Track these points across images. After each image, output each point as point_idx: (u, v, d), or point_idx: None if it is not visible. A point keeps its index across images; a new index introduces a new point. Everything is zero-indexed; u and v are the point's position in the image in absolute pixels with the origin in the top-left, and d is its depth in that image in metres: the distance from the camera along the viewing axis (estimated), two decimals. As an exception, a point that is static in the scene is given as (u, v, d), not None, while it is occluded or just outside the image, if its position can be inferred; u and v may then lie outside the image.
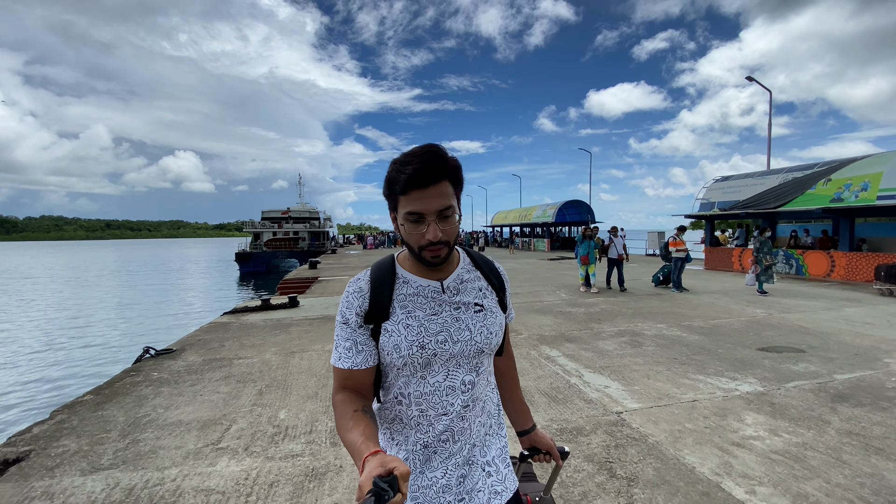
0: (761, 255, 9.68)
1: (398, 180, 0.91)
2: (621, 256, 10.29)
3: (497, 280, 1.10)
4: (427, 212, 0.91)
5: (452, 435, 0.99)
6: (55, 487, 2.56)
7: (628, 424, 3.24)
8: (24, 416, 7.56)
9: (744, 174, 16.00)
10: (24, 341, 13.27)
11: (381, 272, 1.01)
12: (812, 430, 3.12)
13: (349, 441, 0.83)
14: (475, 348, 1.00)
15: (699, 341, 5.57)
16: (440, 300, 0.99)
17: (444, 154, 0.92)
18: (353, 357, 0.96)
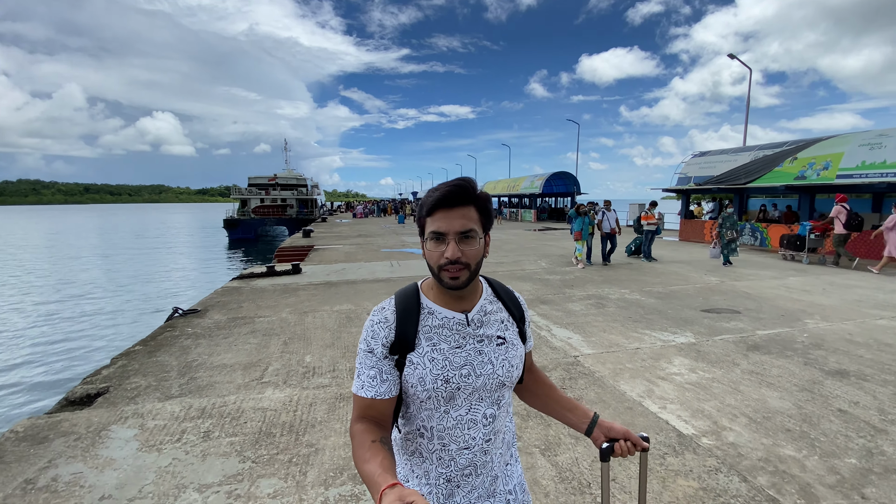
0: (723, 230, 10.59)
1: (426, 203, 0.96)
2: (614, 230, 10.48)
3: (518, 311, 1.10)
4: (448, 230, 0.93)
5: (475, 469, 1.01)
6: (141, 410, 3.36)
7: (582, 364, 4.15)
8: (72, 364, 8.30)
9: (719, 150, 16.83)
10: (45, 311, 13.83)
11: (406, 302, 1.00)
12: (722, 370, 4.06)
13: (366, 472, 0.82)
14: (497, 382, 1.00)
15: (654, 304, 6.51)
16: (464, 333, 1.00)
17: (474, 185, 0.96)
18: (378, 386, 0.96)
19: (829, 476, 2.52)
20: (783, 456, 2.71)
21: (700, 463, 2.64)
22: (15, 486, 2.46)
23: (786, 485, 2.44)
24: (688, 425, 3.07)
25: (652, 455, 2.73)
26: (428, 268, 0.98)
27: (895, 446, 2.81)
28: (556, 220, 30.74)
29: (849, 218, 10.17)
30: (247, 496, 2.36)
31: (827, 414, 3.23)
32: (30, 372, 8.22)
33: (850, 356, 4.39)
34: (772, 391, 3.62)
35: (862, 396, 3.51)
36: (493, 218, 1.01)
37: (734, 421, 3.13)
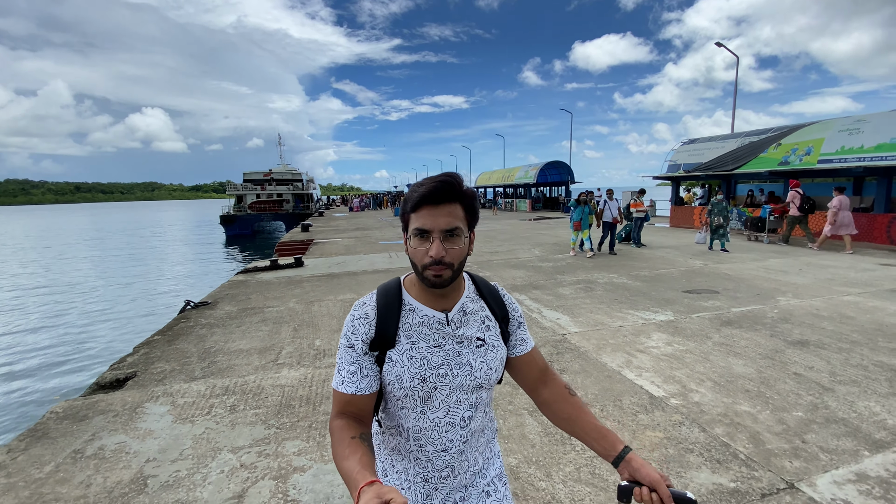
0: (712, 216, 10.98)
1: (410, 198, 0.94)
2: (616, 220, 10.33)
3: (500, 310, 1.08)
4: (433, 228, 0.91)
5: (453, 470, 1.01)
6: (170, 390, 3.72)
7: (568, 341, 4.53)
8: (89, 360, 8.64)
9: (707, 137, 17.20)
10: (60, 308, 14.10)
11: (387, 298, 1.00)
12: (695, 343, 4.46)
13: (345, 469, 0.82)
14: (475, 383, 1.00)
15: (640, 287, 6.90)
16: (444, 332, 0.99)
17: (460, 180, 0.94)
18: (358, 382, 0.96)
19: (776, 426, 2.92)
20: (739, 411, 3.11)
21: (667, 418, 3.04)
22: (65, 456, 2.82)
23: (738, 433, 2.84)
24: (659, 389, 3.47)
25: (624, 412, 3.13)
26: (411, 264, 0.98)
27: (838, 402, 3.22)
28: (551, 209, 31.10)
29: (802, 201, 11.44)
30: (275, 454, 2.73)
31: (783, 377, 3.64)
32: (50, 365, 8.60)
33: (813, 328, 4.80)
34: (738, 359, 4.02)
35: (817, 362, 3.92)
36: (478, 215, 1.01)
37: (701, 385, 3.53)
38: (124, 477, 2.56)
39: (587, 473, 2.48)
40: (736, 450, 2.66)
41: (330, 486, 2.43)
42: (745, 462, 2.54)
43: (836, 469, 2.47)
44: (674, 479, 2.40)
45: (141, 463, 2.69)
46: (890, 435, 2.79)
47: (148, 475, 2.57)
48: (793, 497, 2.26)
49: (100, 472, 2.62)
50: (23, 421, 6.31)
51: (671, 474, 2.44)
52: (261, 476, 2.53)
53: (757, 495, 2.27)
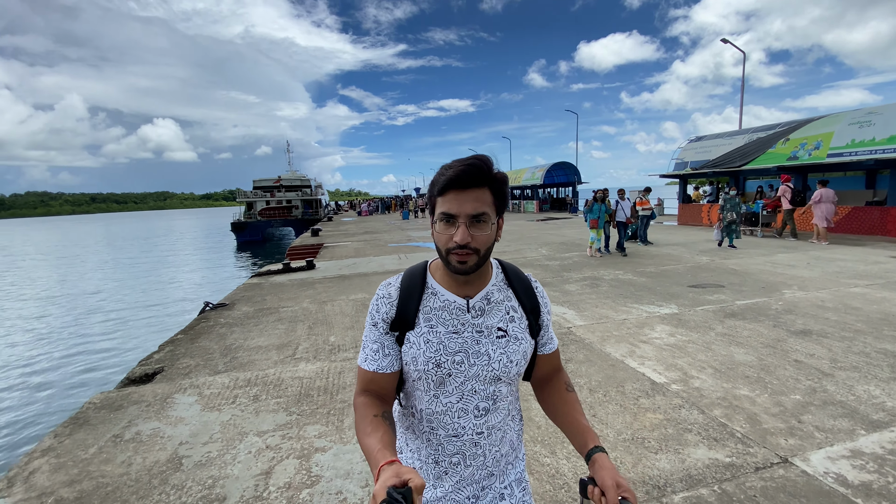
0: (725, 212, 10.95)
1: (437, 182, 0.92)
2: (629, 220, 10.24)
3: (530, 302, 1.05)
4: (459, 213, 0.90)
5: (464, 458, 1.00)
6: (196, 382, 3.94)
7: (574, 333, 4.68)
8: (119, 358, 8.97)
9: (715, 134, 17.19)
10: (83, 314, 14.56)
11: (411, 280, 1.01)
12: (698, 333, 4.58)
13: (367, 446, 0.84)
14: (492, 375, 0.98)
15: (645, 282, 7.01)
16: (463, 319, 0.98)
17: (490, 163, 0.92)
18: (380, 360, 0.98)
19: (774, 408, 3.05)
20: (738, 395, 3.24)
21: (667, 402, 3.18)
22: (106, 440, 3.04)
23: (736, 415, 2.97)
24: (661, 376, 3.61)
25: (626, 397, 3.27)
26: (436, 249, 0.97)
27: (837, 386, 3.33)
28: (558, 210, 31.15)
29: (793, 195, 11.98)
30: (297, 437, 2.92)
31: (783, 364, 3.75)
32: (80, 364, 8.97)
33: (817, 319, 4.88)
34: (739, 348, 4.14)
35: (818, 350, 4.02)
36: (507, 201, 0.99)
37: (702, 372, 3.66)
38: (161, 457, 2.77)
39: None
40: (733, 429, 2.80)
41: (349, 463, 2.62)
42: (740, 440, 2.68)
43: (831, 446, 2.60)
44: (671, 456, 2.55)
45: (175, 445, 2.91)
46: (888, 416, 2.90)
47: (182, 455, 2.78)
48: (786, 470, 2.40)
49: (139, 453, 2.84)
50: (60, 413, 6.64)
51: (670, 452, 2.59)
52: (285, 456, 2.73)
53: (751, 469, 2.41)
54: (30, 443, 5.97)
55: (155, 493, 2.44)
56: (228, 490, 2.44)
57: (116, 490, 2.49)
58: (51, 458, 2.83)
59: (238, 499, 2.36)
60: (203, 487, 2.47)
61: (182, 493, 2.43)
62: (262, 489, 2.43)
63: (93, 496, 2.44)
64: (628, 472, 2.42)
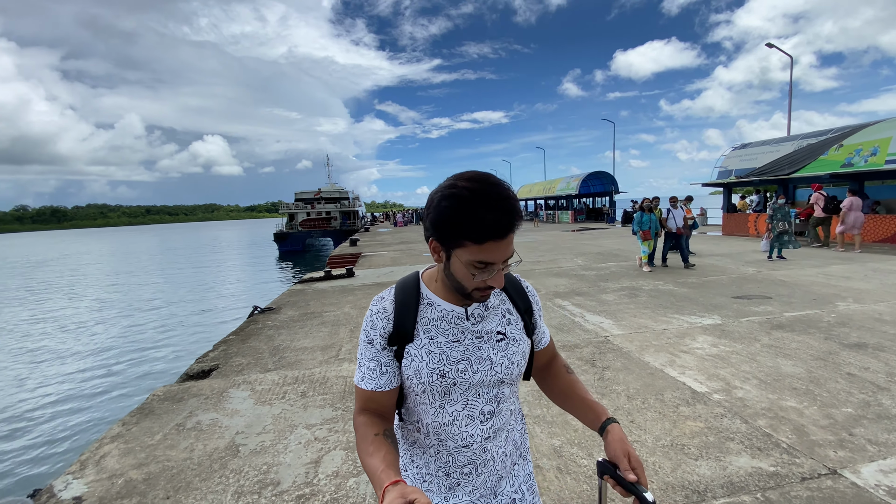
0: (775, 221, 10.37)
1: (470, 227, 0.82)
2: (680, 230, 9.33)
3: (523, 302, 1.06)
4: (498, 261, 0.86)
5: (475, 467, 0.99)
6: (249, 378, 4.21)
7: (611, 342, 4.67)
8: (179, 354, 9.61)
9: (761, 141, 16.54)
10: (146, 313, 15.63)
11: (405, 292, 0.99)
12: (743, 345, 4.46)
13: (370, 466, 0.83)
14: (495, 378, 0.98)
15: (687, 293, 6.85)
16: (462, 327, 0.97)
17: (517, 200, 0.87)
18: (377, 378, 0.95)
19: (823, 420, 2.96)
20: (785, 406, 3.16)
21: (709, 411, 3.14)
22: (170, 428, 3.31)
23: (781, 426, 2.90)
24: (702, 385, 3.55)
25: (665, 404, 3.25)
26: (450, 281, 0.92)
27: (892, 400, 3.19)
28: (595, 220, 30.62)
29: (826, 203, 12.03)
30: (343, 431, 3.09)
31: (835, 377, 3.61)
32: (137, 362, 9.66)
33: (874, 332, 4.65)
34: (787, 360, 4.01)
35: (873, 363, 3.84)
36: None
37: (746, 382, 3.58)
38: (220, 445, 3.01)
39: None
40: (778, 439, 2.74)
41: (392, 457, 2.75)
42: (786, 450, 2.62)
43: (884, 459, 2.51)
44: (712, 463, 2.53)
45: (232, 434, 3.14)
46: (948, 432, 2.76)
47: (239, 444, 3.00)
48: (834, 481, 2.34)
49: (199, 440, 3.08)
50: (125, 406, 7.18)
51: (710, 459, 2.58)
52: (332, 447, 2.90)
53: (796, 478, 2.37)
54: (98, 432, 6.48)
55: (216, 476, 2.65)
56: (282, 476, 2.62)
57: (181, 472, 2.72)
58: (120, 444, 3.12)
59: (291, 484, 2.54)
60: (259, 472, 2.66)
61: (240, 476, 2.64)
62: (311, 476, 2.60)
63: (160, 477, 2.68)
64: (667, 477, 2.43)
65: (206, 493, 2.50)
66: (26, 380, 9.02)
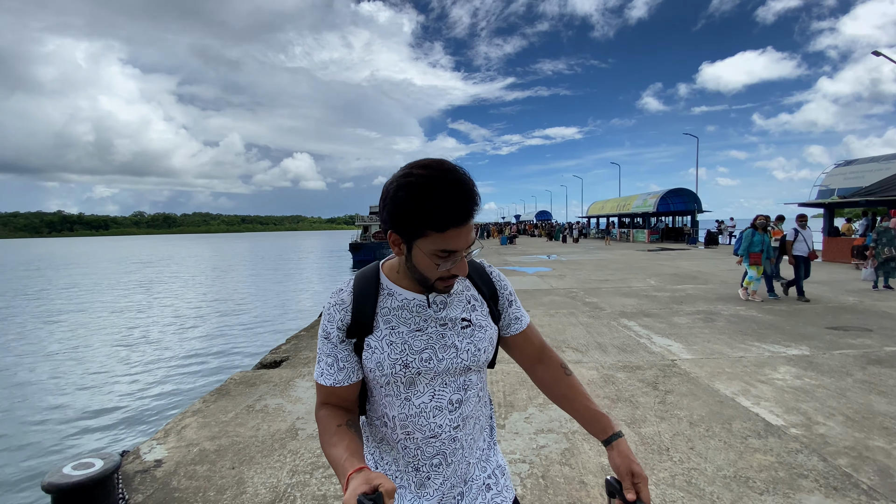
0: (880, 246, 9.19)
1: (428, 211, 0.79)
2: (813, 254, 8.07)
3: (488, 288, 1.03)
4: (461, 248, 0.84)
5: (445, 458, 0.96)
6: (313, 371, 4.52)
7: (678, 367, 4.39)
8: (260, 343, 10.61)
9: (869, 158, 14.69)
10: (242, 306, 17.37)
11: (364, 283, 0.96)
12: (832, 379, 3.98)
13: (333, 457, 0.81)
14: (461, 366, 0.95)
15: (772, 321, 6.23)
16: (425, 315, 0.94)
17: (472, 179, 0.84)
18: (335, 374, 0.92)
19: (923, 468, 2.57)
20: (871, 446, 2.79)
21: (782, 445, 2.86)
22: (241, 409, 3.66)
23: (864, 466, 2.57)
24: (778, 418, 3.23)
25: (732, 434, 3.01)
26: (413, 274, 0.89)
27: None
28: (674, 240, 28.73)
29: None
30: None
31: (947, 422, 3.12)
32: (225, 352, 10.84)
33: None
34: (881, 398, 3.53)
35: None
36: None
37: (830, 419, 3.20)
38: (282, 427, 3.27)
39: (682, 481, 2.50)
40: (858, 480, 2.43)
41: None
42: (866, 492, 2.32)
43: None
44: (779, 499, 2.31)
45: (293, 419, 3.40)
46: None
47: (298, 428, 3.25)
48: (930, 536, 2.04)
49: (265, 421, 3.38)
50: (206, 387, 8.01)
51: (777, 495, 2.35)
52: (381, 440, 3.04)
53: (881, 527, 2.10)
54: (183, 407, 7.27)
55: (276, 454, 2.89)
56: (333, 460, 2.80)
57: (246, 448, 3.00)
58: (198, 419, 3.50)
59: (340, 468, 2.71)
60: (312, 455, 2.87)
61: (296, 457, 2.85)
62: (359, 464, 2.75)
63: (228, 450, 2.98)
64: (724, 508, 2.26)
65: (266, 467, 2.74)
66: (130, 360, 10.33)
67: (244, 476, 2.65)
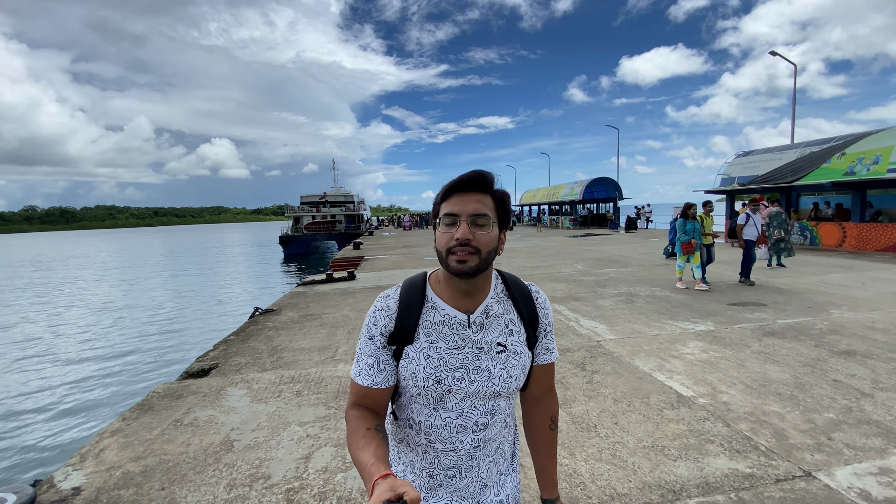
0: (771, 229, 10.42)
1: (442, 190, 0.94)
2: (761, 240, 8.10)
3: (529, 312, 1.04)
4: (461, 213, 0.90)
5: (459, 471, 0.99)
6: (246, 377, 4.31)
7: (603, 347, 4.73)
8: (179, 355, 9.76)
9: (764, 149, 16.55)
10: (145, 316, 15.83)
11: (411, 293, 0.99)
12: (733, 350, 4.51)
13: (360, 460, 0.83)
14: (492, 391, 0.97)
15: (682, 299, 6.90)
16: (463, 335, 0.96)
17: (492, 178, 0.94)
18: (375, 375, 0.95)
19: (803, 424, 3.01)
20: (767, 411, 3.22)
21: (692, 414, 3.20)
22: (168, 423, 3.42)
23: (762, 429, 2.96)
24: (689, 390, 3.62)
25: (650, 407, 3.32)
26: (437, 255, 0.95)
27: (875, 406, 3.24)
28: (598, 226, 30.62)
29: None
30: (334, 429, 3.18)
31: (820, 383, 3.66)
32: (139, 361, 9.81)
33: (864, 339, 4.69)
34: (775, 366, 4.06)
35: (860, 370, 3.89)
36: (510, 215, 1.00)
37: (731, 387, 3.64)
38: (215, 440, 3.11)
39: (608, 455, 2.73)
40: (757, 442, 2.80)
41: (380, 453, 2.84)
42: (764, 453, 2.69)
43: (859, 463, 2.56)
44: (690, 464, 2.60)
45: (227, 430, 3.24)
46: (927, 438, 2.81)
47: (234, 440, 3.10)
48: (808, 483, 2.40)
49: (196, 435, 3.18)
50: (126, 403, 7.32)
51: (689, 460, 2.64)
52: (323, 444, 2.99)
53: (771, 480, 2.43)
54: (100, 427, 6.62)
55: (210, 470, 2.75)
56: (273, 470, 2.72)
57: (176, 466, 2.82)
58: (119, 438, 3.22)
59: (281, 478, 2.63)
60: (251, 467, 2.76)
61: (233, 470, 2.73)
62: (301, 471, 2.69)
63: (156, 470, 2.78)
64: (645, 476, 2.50)
65: (200, 485, 2.60)
66: (31, 379, 9.20)
67: (176, 496, 2.49)
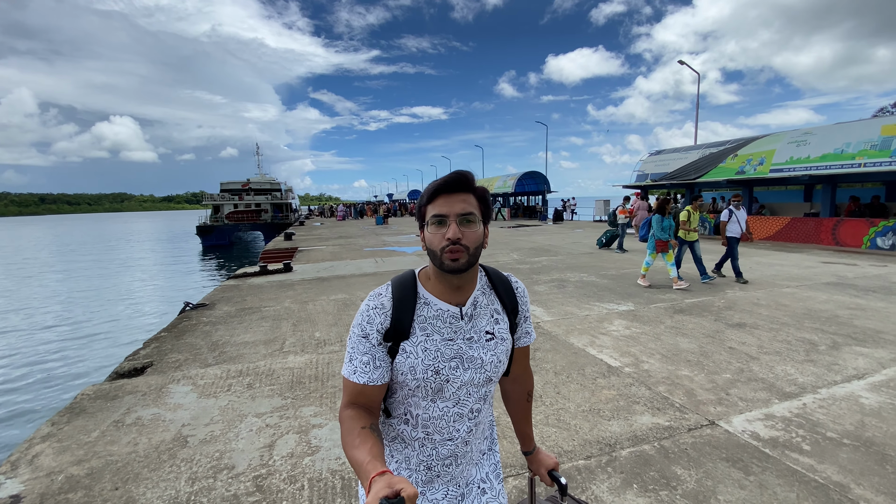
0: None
1: (427, 191, 0.97)
2: (745, 235, 7.75)
3: (511, 302, 1.09)
4: (449, 213, 0.94)
5: (456, 459, 1.04)
6: (188, 374, 4.15)
7: (542, 328, 5.15)
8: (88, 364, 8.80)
9: (672, 149, 18.37)
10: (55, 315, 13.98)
11: (403, 290, 1.01)
12: (650, 327, 5.13)
13: (356, 459, 0.84)
14: (485, 376, 1.02)
15: (607, 284, 7.61)
16: (456, 326, 1.01)
17: (473, 177, 0.98)
18: (370, 373, 0.97)
19: (707, 384, 3.58)
20: (680, 375, 3.76)
21: (621, 381, 3.66)
22: (107, 425, 3.24)
23: (676, 390, 3.48)
24: (616, 361, 4.10)
25: (585, 378, 3.74)
26: (428, 254, 0.99)
27: (761, 367, 3.91)
28: (528, 217, 32.08)
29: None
30: (294, 417, 3.22)
31: (719, 350, 4.32)
32: (55, 367, 8.76)
33: (752, 314, 5.54)
34: (684, 339, 4.70)
35: (749, 339, 4.63)
36: (491, 210, 1.04)
37: (651, 357, 4.18)
38: (166, 437, 3.01)
39: (554, 419, 3.07)
40: (673, 401, 3.29)
41: (344, 436, 2.94)
42: (678, 409, 3.17)
43: (750, 412, 3.13)
44: (621, 422, 3.01)
45: (178, 427, 3.14)
46: (798, 389, 3.47)
47: (187, 435, 3.03)
48: (712, 430, 2.89)
49: (143, 434, 3.06)
50: (50, 405, 6.59)
51: (620, 419, 3.05)
52: (285, 432, 3.02)
53: (685, 430, 2.90)
54: (21, 436, 5.94)
55: (166, 466, 2.69)
56: (236, 460, 2.72)
57: (127, 465, 2.72)
58: (52, 443, 3.01)
59: (246, 466, 2.65)
60: (211, 459, 2.74)
61: (192, 464, 2.69)
62: (266, 458, 2.73)
63: (104, 471, 2.67)
64: (586, 435, 2.86)
65: (158, 481, 2.54)
66: None
67: (133, 494, 2.43)
